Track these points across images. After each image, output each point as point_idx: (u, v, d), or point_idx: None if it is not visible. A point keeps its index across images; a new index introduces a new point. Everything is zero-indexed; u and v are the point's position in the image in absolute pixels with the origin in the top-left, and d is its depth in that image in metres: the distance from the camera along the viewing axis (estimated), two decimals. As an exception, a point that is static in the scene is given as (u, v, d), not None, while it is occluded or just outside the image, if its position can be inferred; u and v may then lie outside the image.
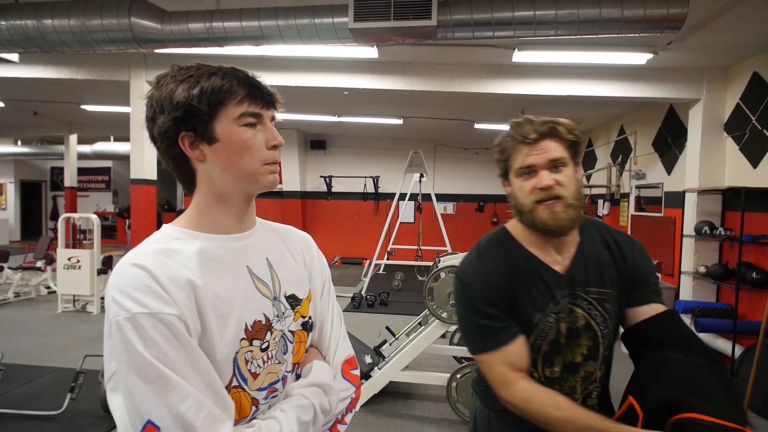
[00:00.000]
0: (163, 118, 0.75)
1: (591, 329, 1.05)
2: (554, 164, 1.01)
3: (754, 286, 3.59)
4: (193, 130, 0.76)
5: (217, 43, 3.07)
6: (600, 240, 1.10)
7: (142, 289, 0.67)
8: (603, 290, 1.06)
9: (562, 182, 1.01)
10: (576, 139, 1.04)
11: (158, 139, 0.78)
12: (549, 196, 1.00)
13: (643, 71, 4.34)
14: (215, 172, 0.78)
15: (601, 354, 1.07)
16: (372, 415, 3.18)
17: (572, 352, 1.06)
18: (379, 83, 4.68)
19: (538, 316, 1.04)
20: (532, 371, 1.06)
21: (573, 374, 1.06)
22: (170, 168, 0.81)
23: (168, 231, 0.79)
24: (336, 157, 10.37)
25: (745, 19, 3.25)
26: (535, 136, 1.01)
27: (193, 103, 0.74)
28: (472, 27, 2.84)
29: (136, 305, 0.66)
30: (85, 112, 7.67)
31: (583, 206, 1.04)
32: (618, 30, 2.76)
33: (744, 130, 4.05)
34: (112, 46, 3.20)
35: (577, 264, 1.06)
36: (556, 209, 1.00)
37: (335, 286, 5.36)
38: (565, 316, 1.04)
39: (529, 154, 1.02)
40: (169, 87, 0.75)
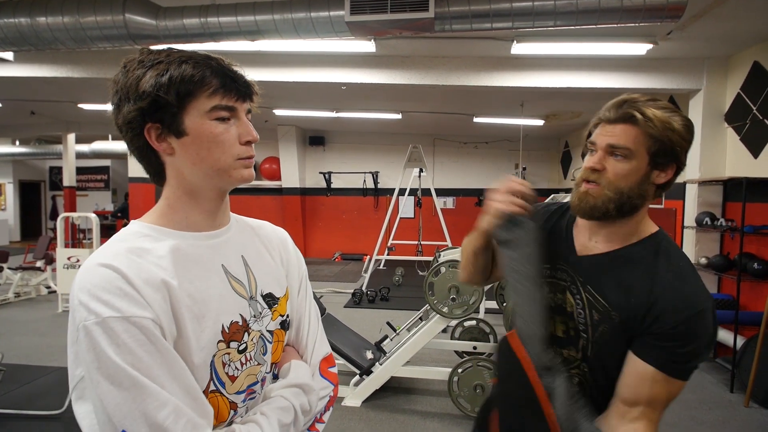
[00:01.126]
0: (129, 106, 0.69)
1: (574, 320, 1.01)
2: (614, 150, 0.93)
3: (756, 277, 3.58)
4: (161, 122, 0.70)
5: (212, 38, 3.05)
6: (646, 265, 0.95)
7: (113, 291, 0.62)
8: (604, 304, 0.95)
9: (609, 170, 0.93)
10: (664, 136, 0.90)
11: (123, 129, 0.72)
12: (588, 177, 0.96)
13: (643, 62, 4.31)
14: (185, 166, 0.73)
15: (581, 347, 1.00)
16: (374, 410, 3.17)
17: (554, 325, 1.04)
18: (377, 77, 4.64)
19: (547, 266, 1.06)
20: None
21: (555, 345, 1.04)
22: (137, 159, 0.76)
23: (137, 228, 0.74)
24: (335, 152, 10.34)
25: (746, 8, 3.21)
26: (613, 117, 0.94)
27: (160, 94, 0.68)
28: (470, 19, 2.82)
29: (107, 309, 0.61)
30: (82, 110, 7.63)
31: (626, 206, 0.94)
32: (618, 19, 2.73)
33: (745, 120, 4.02)
34: (107, 43, 3.17)
35: (596, 261, 0.99)
36: (590, 191, 0.95)
37: (336, 282, 5.38)
38: (555, 287, 1.04)
39: (601, 132, 0.96)
40: (136, 73, 0.70)
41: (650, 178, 0.94)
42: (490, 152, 10.05)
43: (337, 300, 6.42)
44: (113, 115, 0.72)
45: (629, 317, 0.93)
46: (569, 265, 1.02)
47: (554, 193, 5.16)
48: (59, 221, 5.71)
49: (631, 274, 0.95)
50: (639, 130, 0.91)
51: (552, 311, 1.04)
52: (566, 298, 1.02)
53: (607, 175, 0.93)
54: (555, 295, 1.04)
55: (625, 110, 0.92)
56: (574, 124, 8.05)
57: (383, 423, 3.01)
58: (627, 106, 0.93)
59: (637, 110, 0.92)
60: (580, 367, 1.02)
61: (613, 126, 0.93)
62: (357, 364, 3.35)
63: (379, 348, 3.60)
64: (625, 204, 0.93)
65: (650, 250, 0.96)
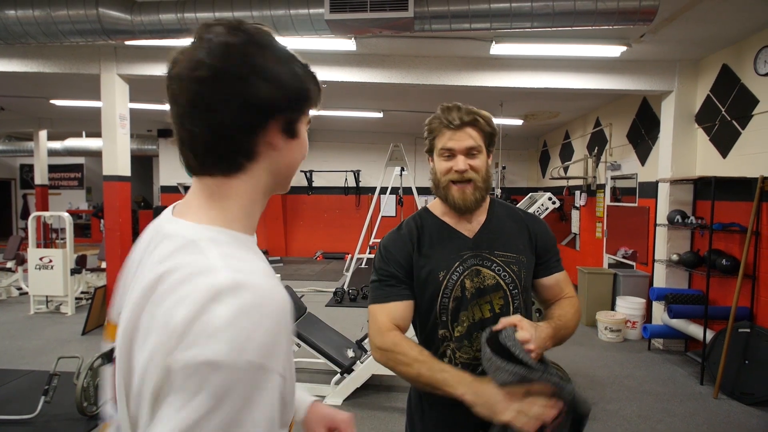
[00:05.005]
0: (269, 87, 0.60)
1: (501, 288, 1.16)
2: (470, 151, 1.15)
3: (724, 273, 3.71)
4: (287, 116, 0.64)
5: (189, 34, 2.98)
6: (507, 215, 1.25)
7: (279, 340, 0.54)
8: (510, 254, 1.19)
9: (476, 167, 1.15)
10: (492, 131, 1.18)
11: (242, 107, 0.59)
12: (462, 178, 1.15)
13: (618, 64, 4.41)
14: (280, 166, 0.66)
15: (512, 312, 1.16)
16: (355, 408, 3.18)
17: (481, 309, 1.15)
18: (358, 76, 4.64)
19: (443, 273, 1.15)
20: (442, 331, 1.16)
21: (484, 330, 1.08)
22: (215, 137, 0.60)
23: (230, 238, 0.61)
24: (316, 151, 10.28)
25: (715, 12, 3.32)
26: (458, 123, 1.13)
27: (311, 89, 0.65)
28: (449, 19, 2.84)
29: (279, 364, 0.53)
30: (54, 107, 7.42)
31: (489, 189, 1.19)
32: (592, 22, 2.79)
33: (714, 121, 4.16)
34: (80, 38, 3.09)
35: (484, 230, 1.20)
36: (467, 191, 1.15)
37: (317, 281, 5.36)
38: (471, 275, 1.15)
39: (450, 138, 1.15)
40: (284, 54, 0.63)
41: (489, 165, 1.20)
42: (470, 151, 10.14)
43: (319, 299, 6.41)
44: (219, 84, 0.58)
45: (529, 252, 1.22)
46: (472, 249, 1.18)
47: (533, 191, 5.25)
48: (30, 220, 5.55)
49: (507, 226, 1.23)
50: (480, 130, 1.15)
51: (475, 297, 1.15)
52: (484, 274, 1.16)
53: (476, 173, 1.15)
54: (472, 280, 1.15)
55: (469, 117, 1.14)
56: (553, 124, 8.18)
57: (364, 420, 3.02)
58: (465, 113, 1.14)
59: (476, 115, 1.14)
60: None
61: (462, 130, 1.14)
62: (338, 363, 3.36)
63: (360, 346, 3.60)
64: (489, 188, 1.20)
65: (500, 208, 1.26)
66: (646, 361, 4.18)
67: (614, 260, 5.96)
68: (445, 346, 1.16)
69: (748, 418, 3.15)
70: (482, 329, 1.10)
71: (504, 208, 1.27)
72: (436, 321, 1.16)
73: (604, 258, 6.26)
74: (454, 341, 1.15)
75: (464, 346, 1.14)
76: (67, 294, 5.35)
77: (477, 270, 1.16)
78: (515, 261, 1.18)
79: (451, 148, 1.15)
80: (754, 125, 3.70)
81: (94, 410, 2.94)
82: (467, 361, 1.14)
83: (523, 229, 1.23)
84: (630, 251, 5.54)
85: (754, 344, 3.39)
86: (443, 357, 1.15)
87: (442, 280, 1.15)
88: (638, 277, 5.10)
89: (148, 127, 9.90)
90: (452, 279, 1.15)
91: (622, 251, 5.69)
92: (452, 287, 1.15)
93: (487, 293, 1.15)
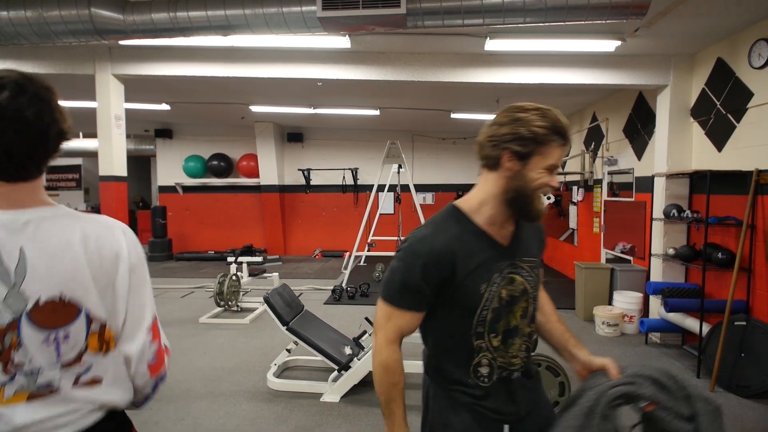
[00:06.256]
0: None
1: (527, 293, 1.20)
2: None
3: (720, 266, 3.71)
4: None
5: (182, 33, 3.00)
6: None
7: None
8: (534, 259, 1.23)
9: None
10: None
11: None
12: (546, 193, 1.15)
13: (613, 58, 4.40)
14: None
15: (530, 313, 1.22)
16: (352, 405, 3.19)
17: (514, 316, 1.18)
18: (353, 73, 4.63)
19: (485, 286, 1.14)
20: (479, 342, 1.16)
21: (515, 336, 1.18)
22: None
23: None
24: (314, 149, 10.29)
25: (708, 5, 3.32)
26: (565, 142, 1.12)
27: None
28: (441, 15, 2.84)
29: None
30: (50, 108, 7.40)
31: None
32: (585, 17, 2.79)
33: (709, 115, 4.16)
34: (72, 39, 3.09)
35: (516, 237, 1.21)
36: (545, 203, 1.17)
37: (316, 279, 5.42)
38: (506, 284, 1.16)
39: (558, 155, 1.11)
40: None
41: None
42: (468, 148, 10.13)
43: (317, 297, 6.42)
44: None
45: (540, 253, 1.29)
46: (508, 258, 1.18)
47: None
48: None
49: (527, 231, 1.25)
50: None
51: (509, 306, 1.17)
52: (516, 282, 1.18)
53: None
54: (507, 289, 1.16)
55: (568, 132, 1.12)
56: (550, 120, 8.17)
57: (362, 417, 3.03)
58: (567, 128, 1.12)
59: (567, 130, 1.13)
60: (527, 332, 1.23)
61: (565, 148, 1.14)
62: (335, 360, 3.37)
63: (357, 343, 3.62)
64: None
65: None
66: (643, 355, 4.20)
67: (612, 255, 5.97)
68: (481, 356, 1.16)
69: (745, 411, 3.16)
70: (515, 335, 1.18)
71: None
72: (470, 332, 1.15)
73: (601, 253, 6.27)
74: (491, 351, 1.17)
75: (500, 352, 1.18)
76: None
77: (511, 278, 1.17)
78: (535, 264, 1.23)
79: (555, 165, 1.11)
80: (749, 118, 3.70)
81: None
82: (503, 365, 1.19)
83: (536, 232, 1.29)
84: (628, 246, 5.55)
85: (750, 337, 3.40)
86: (479, 366, 1.17)
87: (483, 293, 1.13)
88: (635, 271, 5.10)
89: (145, 127, 9.90)
90: (492, 291, 1.14)
91: (621, 246, 5.69)
92: (491, 299, 1.14)
93: (518, 300, 1.18)
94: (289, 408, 3.15)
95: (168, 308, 5.82)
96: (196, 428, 2.88)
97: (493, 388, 1.18)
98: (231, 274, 5.59)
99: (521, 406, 1.20)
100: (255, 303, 5.64)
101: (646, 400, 1.09)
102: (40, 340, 0.86)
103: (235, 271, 5.75)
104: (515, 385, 1.20)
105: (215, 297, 5.35)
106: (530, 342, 1.24)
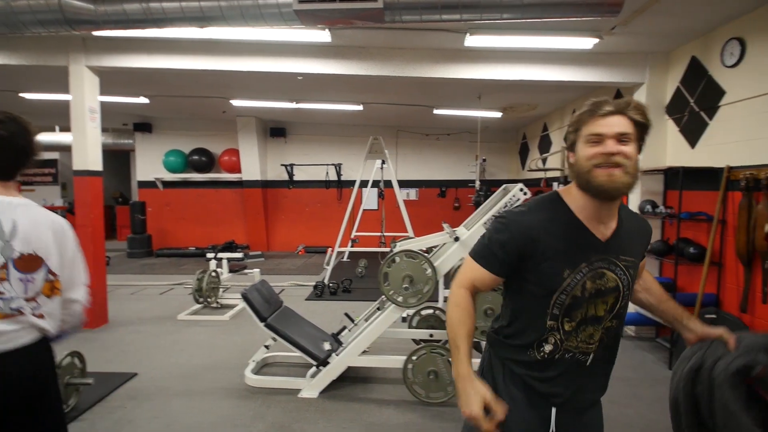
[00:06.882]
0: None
1: (617, 290, 1.21)
2: (621, 137, 1.11)
3: (692, 261, 3.80)
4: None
5: (155, 24, 2.94)
6: (630, 220, 1.27)
7: None
8: (631, 259, 1.23)
9: (626, 153, 1.10)
10: (645, 121, 1.14)
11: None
12: (610, 162, 1.10)
13: (591, 56, 4.46)
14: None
15: (618, 309, 1.23)
16: (330, 400, 3.19)
17: (596, 308, 1.20)
18: (334, 68, 4.60)
19: (568, 271, 1.17)
20: (552, 323, 1.20)
21: (594, 325, 1.21)
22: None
23: None
24: (297, 144, 10.21)
25: (682, 4, 3.37)
26: (609, 109, 1.11)
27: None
28: (419, 10, 2.83)
29: None
30: (24, 100, 7.21)
31: (636, 181, 1.14)
32: (561, 14, 2.81)
33: (683, 113, 4.24)
34: (41, 29, 3.00)
35: (616, 236, 1.21)
36: (615, 173, 1.10)
37: (299, 275, 5.40)
38: (595, 277, 1.18)
39: (600, 124, 1.11)
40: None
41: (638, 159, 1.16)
42: (451, 144, 10.18)
43: (299, 293, 6.39)
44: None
45: (640, 255, 1.28)
46: (602, 253, 1.19)
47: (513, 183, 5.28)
48: None
49: (632, 231, 1.25)
50: (630, 119, 1.12)
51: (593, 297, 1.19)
52: (607, 277, 1.20)
53: (627, 159, 1.10)
54: (594, 282, 1.19)
55: (621, 105, 1.12)
56: (531, 117, 8.25)
57: (339, 412, 3.03)
58: (615, 103, 1.12)
59: (629, 102, 1.12)
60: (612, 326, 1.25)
61: (612, 117, 1.11)
62: (314, 356, 3.36)
63: (336, 339, 3.61)
64: (636, 181, 1.14)
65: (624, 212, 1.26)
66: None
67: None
68: (550, 334, 1.21)
69: (713, 401, 3.24)
70: (595, 323, 1.21)
71: (625, 212, 1.28)
72: (546, 311, 1.20)
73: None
74: (562, 333, 1.20)
75: (571, 337, 1.21)
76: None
77: (602, 273, 1.18)
78: (633, 265, 1.23)
79: (601, 133, 1.11)
80: (721, 116, 3.79)
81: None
82: (572, 348, 1.22)
83: (642, 234, 1.30)
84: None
85: (719, 329, 3.48)
86: (545, 343, 1.22)
87: (566, 278, 1.17)
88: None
89: (123, 121, 9.70)
90: (575, 279, 1.17)
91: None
92: (573, 286, 1.17)
93: (604, 294, 1.19)
94: (266, 404, 3.13)
95: (146, 305, 5.73)
96: (171, 426, 2.85)
97: (552, 367, 1.22)
98: (210, 270, 5.53)
99: (575, 392, 1.24)
100: (235, 300, 5.58)
101: (761, 365, 1.22)
102: (18, 279, 1.38)
103: (214, 268, 5.69)
104: (577, 371, 1.23)
105: (194, 294, 5.29)
106: (608, 336, 1.24)
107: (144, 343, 4.34)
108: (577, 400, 1.26)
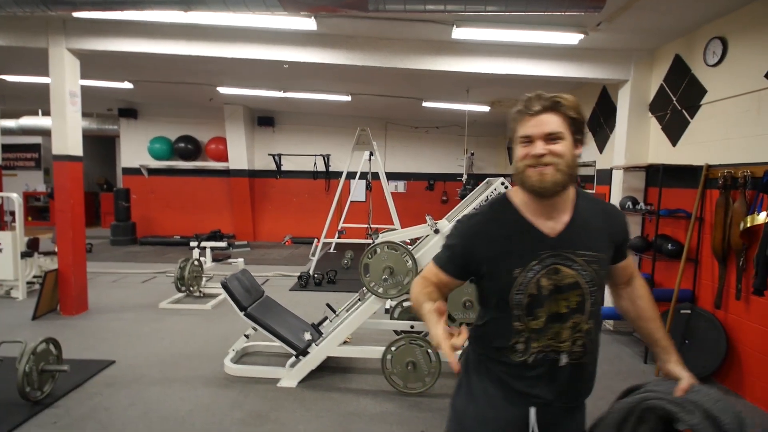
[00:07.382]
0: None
1: (579, 287, 1.18)
2: (550, 137, 1.11)
3: (669, 257, 3.86)
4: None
5: (135, 6, 2.88)
6: (591, 212, 1.23)
7: None
8: (592, 253, 1.18)
9: (557, 152, 1.11)
10: (578, 116, 1.13)
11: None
12: (539, 163, 1.11)
13: (577, 52, 4.47)
14: None
15: (587, 309, 1.20)
16: (308, 390, 3.20)
17: (557, 305, 1.18)
18: (320, 57, 4.56)
19: (518, 270, 1.16)
20: (517, 324, 1.19)
21: (559, 323, 1.18)
22: None
23: None
24: (285, 134, 10.13)
25: (666, 2, 3.39)
26: (537, 109, 1.11)
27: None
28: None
29: None
30: (6, 83, 7.06)
31: (573, 178, 1.15)
32: (544, 7, 2.81)
33: (666, 110, 4.28)
34: (17, 8, 2.93)
35: (569, 230, 1.19)
36: (545, 172, 1.11)
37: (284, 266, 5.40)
38: (550, 274, 1.16)
39: (530, 125, 1.12)
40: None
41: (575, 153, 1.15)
42: (440, 137, 10.18)
43: (284, 283, 6.38)
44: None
45: (608, 249, 1.24)
46: (552, 249, 1.17)
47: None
48: (-23, 202, 5.31)
49: (592, 224, 1.22)
50: (562, 115, 1.12)
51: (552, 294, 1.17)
52: (563, 273, 1.17)
53: (558, 158, 1.11)
54: (549, 278, 1.16)
55: (549, 102, 1.11)
56: (520, 111, 8.26)
57: (317, 402, 3.04)
58: (545, 99, 1.12)
59: (558, 99, 1.11)
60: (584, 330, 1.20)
61: (540, 116, 1.12)
62: (293, 346, 3.36)
63: (317, 329, 3.61)
64: (573, 176, 1.15)
65: (585, 203, 1.24)
66: (596, 342, 4.34)
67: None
68: (519, 335, 1.19)
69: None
70: (559, 321, 1.18)
71: (588, 202, 1.25)
72: (509, 313, 1.19)
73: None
74: (530, 332, 1.19)
75: (540, 336, 1.18)
76: (17, 278, 5.16)
77: (556, 269, 1.16)
78: (596, 260, 1.18)
79: (529, 134, 1.12)
80: (702, 115, 3.83)
81: (37, 395, 2.86)
82: (539, 348, 1.19)
83: (606, 226, 1.24)
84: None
85: (694, 325, 3.56)
86: (516, 344, 1.20)
87: (516, 276, 1.16)
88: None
89: (108, 106, 9.53)
90: (527, 276, 1.16)
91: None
92: (526, 284, 1.16)
93: (564, 291, 1.17)
94: (244, 393, 3.13)
95: (127, 293, 5.68)
96: (147, 414, 2.84)
97: (527, 367, 1.20)
98: (193, 259, 5.49)
99: (555, 393, 1.21)
100: (218, 289, 5.54)
101: (685, 425, 1.15)
102: None
103: (197, 256, 5.64)
104: (553, 372, 1.20)
105: (176, 282, 5.25)
106: (582, 336, 1.20)
107: (124, 330, 4.31)
108: (559, 402, 1.23)
